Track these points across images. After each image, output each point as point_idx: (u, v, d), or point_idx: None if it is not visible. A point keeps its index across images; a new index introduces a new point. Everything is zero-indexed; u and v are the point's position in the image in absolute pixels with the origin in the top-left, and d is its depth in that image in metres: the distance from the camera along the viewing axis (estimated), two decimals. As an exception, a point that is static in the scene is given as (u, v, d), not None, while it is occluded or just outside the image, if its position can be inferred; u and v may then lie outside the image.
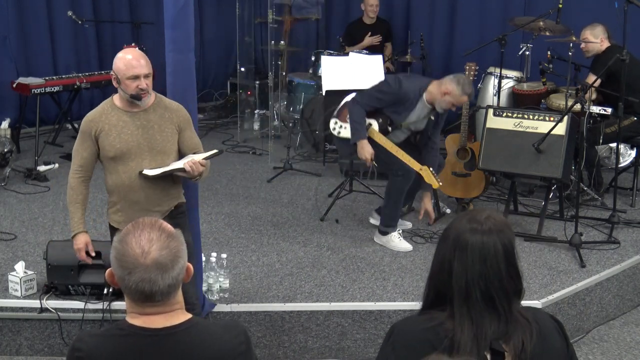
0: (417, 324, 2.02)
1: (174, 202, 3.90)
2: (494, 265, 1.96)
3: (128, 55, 3.72)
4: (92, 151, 3.77)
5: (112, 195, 3.84)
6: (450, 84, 5.12)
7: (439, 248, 2.03)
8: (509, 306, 1.97)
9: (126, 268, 1.91)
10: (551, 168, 5.49)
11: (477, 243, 1.96)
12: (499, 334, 1.95)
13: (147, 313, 1.96)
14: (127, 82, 3.66)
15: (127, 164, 3.74)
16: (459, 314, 1.95)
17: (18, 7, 7.93)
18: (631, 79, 5.76)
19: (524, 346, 1.94)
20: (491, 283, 1.95)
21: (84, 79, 7.49)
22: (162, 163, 3.77)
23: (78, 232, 3.83)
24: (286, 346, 4.53)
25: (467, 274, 1.95)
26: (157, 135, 3.76)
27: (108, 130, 3.72)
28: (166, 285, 1.92)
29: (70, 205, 3.83)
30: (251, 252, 5.34)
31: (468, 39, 8.21)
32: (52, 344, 4.48)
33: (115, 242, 1.95)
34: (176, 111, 3.84)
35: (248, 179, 6.96)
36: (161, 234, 1.94)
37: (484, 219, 2.00)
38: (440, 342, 1.92)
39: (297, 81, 7.85)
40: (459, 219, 2.05)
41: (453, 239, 1.99)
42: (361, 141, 5.18)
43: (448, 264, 1.97)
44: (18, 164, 7.00)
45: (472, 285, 1.95)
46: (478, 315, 1.94)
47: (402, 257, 5.29)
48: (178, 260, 1.94)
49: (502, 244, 1.97)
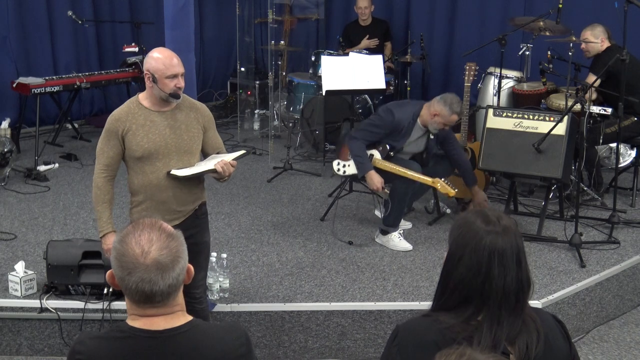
0: (422, 326, 2.02)
1: (198, 202, 3.89)
2: (525, 265, 2.01)
3: (164, 55, 3.70)
4: (118, 150, 3.72)
5: (138, 195, 3.79)
6: (437, 105, 5.26)
7: (465, 254, 2.01)
8: (525, 306, 2.01)
9: (126, 268, 1.90)
10: (551, 168, 5.49)
11: (513, 246, 2.00)
12: (511, 336, 1.96)
13: (147, 315, 1.96)
14: (165, 81, 3.64)
15: (154, 164, 3.71)
16: (489, 316, 1.97)
17: (18, 7, 7.93)
18: (631, 79, 5.77)
19: (528, 348, 1.95)
20: (521, 283, 1.99)
21: (84, 79, 7.49)
22: (188, 163, 3.75)
23: (107, 232, 3.79)
24: (286, 346, 4.53)
25: (505, 278, 1.98)
26: (184, 135, 3.74)
27: (135, 130, 3.68)
28: (166, 286, 1.91)
29: (98, 205, 3.79)
30: (251, 252, 5.34)
31: (468, 39, 8.21)
32: (52, 344, 4.48)
33: (115, 242, 1.95)
34: (201, 110, 3.84)
35: (248, 179, 6.96)
36: (161, 234, 1.93)
37: (497, 219, 2.02)
38: (447, 344, 1.92)
39: (297, 81, 7.85)
40: (470, 222, 2.04)
41: (486, 246, 1.98)
42: (369, 173, 5.29)
43: (486, 270, 1.98)
44: (18, 164, 7.00)
45: (509, 288, 1.98)
46: (504, 317, 1.97)
47: (402, 257, 5.29)
48: (178, 260, 1.94)
49: (519, 243, 2.02)
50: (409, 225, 5.76)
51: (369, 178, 5.30)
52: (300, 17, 8.92)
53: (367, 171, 5.30)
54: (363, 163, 5.32)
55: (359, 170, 5.35)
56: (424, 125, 5.35)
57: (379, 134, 5.35)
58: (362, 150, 5.34)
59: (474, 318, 1.98)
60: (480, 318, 1.98)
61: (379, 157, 5.38)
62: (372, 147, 5.40)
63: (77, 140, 7.85)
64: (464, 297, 2.00)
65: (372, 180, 5.29)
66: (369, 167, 5.30)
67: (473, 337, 1.95)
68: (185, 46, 4.25)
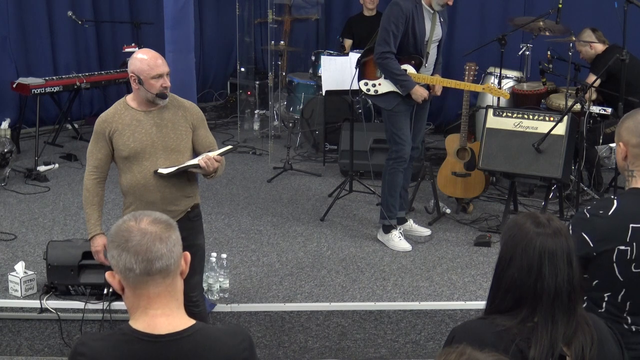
0: (479, 328, 2.04)
1: (191, 202, 3.88)
2: (576, 266, 2.03)
3: (147, 56, 3.71)
4: (107, 152, 3.75)
5: (128, 196, 3.81)
6: None
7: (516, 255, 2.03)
8: (578, 307, 2.03)
9: (122, 237, 1.94)
10: (551, 168, 5.49)
11: (564, 247, 2.02)
12: (567, 337, 1.98)
13: (150, 307, 1.96)
14: (151, 82, 3.65)
15: (142, 164, 3.72)
16: (543, 317, 1.99)
17: (18, 7, 7.93)
18: (631, 79, 5.77)
19: (583, 351, 1.97)
20: (573, 284, 2.01)
21: (84, 79, 7.49)
22: (177, 162, 3.75)
23: (95, 234, 3.80)
24: (286, 346, 4.53)
25: (557, 278, 2.00)
26: (171, 134, 3.74)
27: (122, 130, 3.70)
28: (165, 252, 1.93)
29: (87, 207, 3.81)
30: (251, 252, 5.34)
31: (468, 39, 8.20)
32: (52, 344, 4.48)
33: (110, 232, 2.01)
34: (190, 109, 3.84)
35: (248, 179, 6.96)
36: (150, 214, 2.00)
37: (547, 222, 2.05)
38: (504, 346, 1.94)
39: (297, 81, 7.85)
40: (521, 225, 2.06)
41: (537, 247, 2.01)
42: (414, 89, 5.24)
43: (537, 270, 2.00)
44: (18, 164, 7.00)
45: (561, 288, 2.00)
46: (559, 317, 1.99)
47: (402, 257, 5.29)
48: (173, 228, 1.99)
49: (570, 245, 2.04)
50: (428, 232, 5.68)
51: (415, 93, 5.24)
52: (300, 17, 8.91)
53: (412, 87, 5.23)
54: (405, 80, 5.23)
55: (402, 88, 5.25)
56: (429, 5, 5.22)
57: (397, 31, 5.18)
58: (399, 68, 5.24)
59: (530, 319, 2.00)
60: (536, 319, 1.99)
61: (413, 71, 5.30)
62: (402, 63, 5.28)
63: (77, 140, 7.84)
64: (517, 299, 2.02)
65: (419, 93, 5.24)
66: (413, 84, 5.24)
67: (530, 339, 1.97)
68: (185, 46, 4.24)
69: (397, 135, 5.33)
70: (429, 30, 5.27)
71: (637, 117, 2.62)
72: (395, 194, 5.45)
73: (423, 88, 5.29)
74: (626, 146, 2.60)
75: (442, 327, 4.54)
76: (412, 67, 5.31)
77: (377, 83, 5.40)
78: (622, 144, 2.62)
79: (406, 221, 5.64)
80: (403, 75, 5.24)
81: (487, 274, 4.90)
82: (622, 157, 2.63)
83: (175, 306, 2.00)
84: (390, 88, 5.32)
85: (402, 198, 5.56)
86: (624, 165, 2.64)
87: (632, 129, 2.59)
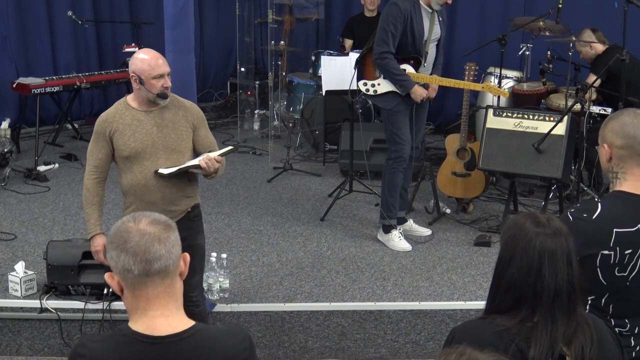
0: (479, 328, 2.04)
1: (191, 203, 3.88)
2: (576, 267, 2.04)
3: (148, 56, 3.70)
4: (107, 152, 3.75)
5: (128, 196, 3.81)
6: None
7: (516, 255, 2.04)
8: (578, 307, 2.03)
9: (121, 238, 1.94)
10: (551, 168, 5.49)
11: (564, 247, 2.03)
12: (567, 337, 1.98)
13: (149, 308, 1.96)
14: (152, 82, 3.65)
15: (142, 164, 3.72)
16: (543, 317, 1.99)
17: (18, 7, 7.93)
18: (631, 79, 5.77)
19: (583, 351, 1.97)
20: (573, 284, 2.02)
21: (84, 79, 7.49)
22: (177, 162, 3.75)
23: (95, 234, 3.80)
24: (286, 346, 4.53)
25: (556, 278, 2.00)
26: (171, 134, 3.74)
27: (122, 130, 3.70)
28: (164, 253, 1.93)
29: (87, 207, 3.81)
30: (251, 252, 5.34)
31: (468, 39, 8.20)
32: (52, 344, 4.49)
33: (109, 233, 2.01)
34: (190, 109, 3.84)
35: (248, 179, 6.96)
36: (149, 215, 2.00)
37: (547, 222, 2.05)
38: (504, 346, 1.94)
39: (297, 81, 7.85)
40: (520, 224, 2.07)
41: (536, 247, 2.02)
42: (413, 88, 5.26)
43: (537, 270, 2.01)
44: (18, 164, 7.00)
45: (560, 288, 2.00)
46: (558, 317, 1.99)
47: (402, 257, 5.29)
48: (172, 228, 1.98)
49: (569, 245, 2.05)
50: (428, 232, 5.69)
51: (414, 92, 5.26)
52: (300, 17, 8.91)
53: (412, 87, 5.25)
54: (405, 80, 5.25)
55: (402, 88, 5.27)
56: (427, 5, 5.23)
57: (395, 31, 5.19)
58: (398, 68, 5.25)
59: (529, 319, 2.00)
60: (536, 319, 2.00)
61: (412, 71, 5.32)
62: (401, 63, 5.30)
63: (77, 140, 7.84)
64: (517, 298, 2.02)
65: (418, 93, 5.27)
66: (413, 83, 5.26)
67: (530, 339, 1.97)
68: (185, 46, 4.24)
69: (396, 135, 5.33)
70: (427, 30, 5.27)
71: (621, 118, 2.59)
72: (395, 194, 5.45)
73: (422, 88, 5.31)
74: (610, 148, 2.57)
75: (442, 327, 4.54)
76: (410, 66, 5.32)
77: (376, 83, 5.41)
78: (606, 145, 2.58)
79: (406, 221, 5.64)
80: (402, 75, 5.25)
81: (487, 274, 4.90)
82: (606, 158, 2.60)
83: (174, 307, 2.00)
84: (389, 88, 5.33)
85: (402, 198, 5.56)
86: (608, 167, 2.61)
87: (617, 131, 2.56)
